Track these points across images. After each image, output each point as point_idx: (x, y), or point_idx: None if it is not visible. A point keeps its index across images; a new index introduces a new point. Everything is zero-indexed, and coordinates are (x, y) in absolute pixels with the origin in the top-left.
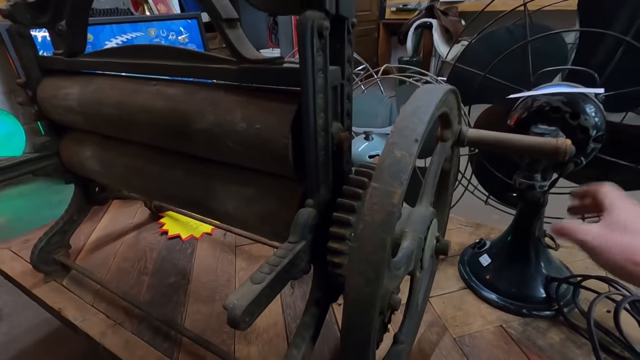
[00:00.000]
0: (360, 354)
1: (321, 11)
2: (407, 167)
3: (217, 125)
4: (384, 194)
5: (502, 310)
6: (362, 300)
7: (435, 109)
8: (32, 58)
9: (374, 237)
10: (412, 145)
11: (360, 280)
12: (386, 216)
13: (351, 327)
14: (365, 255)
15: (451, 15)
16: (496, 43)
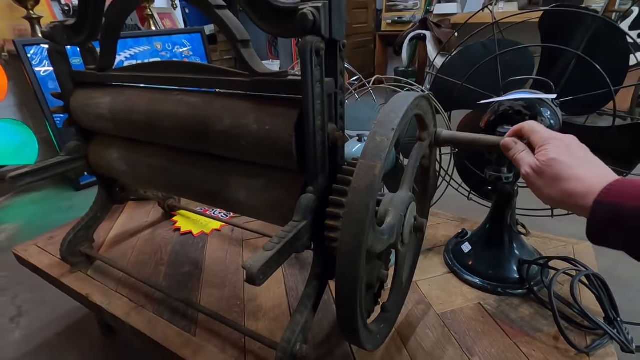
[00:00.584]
0: (351, 294)
1: (318, 36)
2: (386, 148)
3: (233, 127)
4: (368, 168)
5: (481, 290)
6: (351, 250)
7: (409, 109)
8: (67, 72)
9: (360, 200)
10: (390, 132)
11: (349, 235)
12: (370, 184)
13: (343, 272)
14: (353, 215)
15: (444, 27)
16: (472, 56)
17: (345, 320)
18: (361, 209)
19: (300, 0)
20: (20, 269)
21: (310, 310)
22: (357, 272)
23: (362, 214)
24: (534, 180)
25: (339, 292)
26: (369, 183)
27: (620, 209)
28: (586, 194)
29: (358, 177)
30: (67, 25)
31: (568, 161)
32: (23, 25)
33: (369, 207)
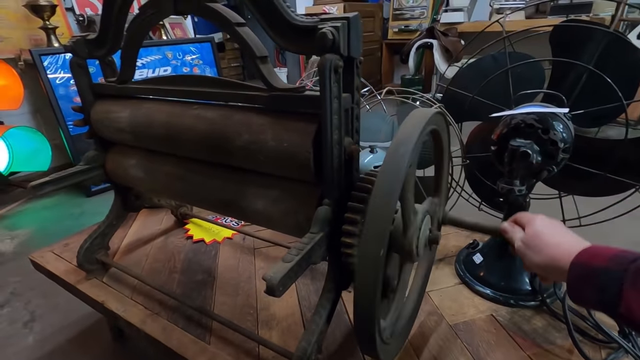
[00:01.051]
0: (369, 304)
1: (337, 54)
2: (406, 163)
3: (251, 143)
4: (389, 184)
5: (493, 302)
6: (371, 262)
7: (426, 125)
8: (87, 85)
9: (380, 214)
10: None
11: (370, 247)
12: (388, 201)
13: (362, 283)
14: (373, 229)
15: (451, 35)
16: (483, 69)
17: (362, 331)
18: (381, 223)
19: (319, 20)
20: (33, 274)
21: (325, 320)
22: (376, 284)
23: (382, 228)
24: (524, 251)
25: (357, 303)
26: (388, 201)
27: (592, 268)
28: (565, 257)
29: (378, 194)
30: (89, 39)
31: (549, 232)
32: (39, 35)
33: (389, 221)
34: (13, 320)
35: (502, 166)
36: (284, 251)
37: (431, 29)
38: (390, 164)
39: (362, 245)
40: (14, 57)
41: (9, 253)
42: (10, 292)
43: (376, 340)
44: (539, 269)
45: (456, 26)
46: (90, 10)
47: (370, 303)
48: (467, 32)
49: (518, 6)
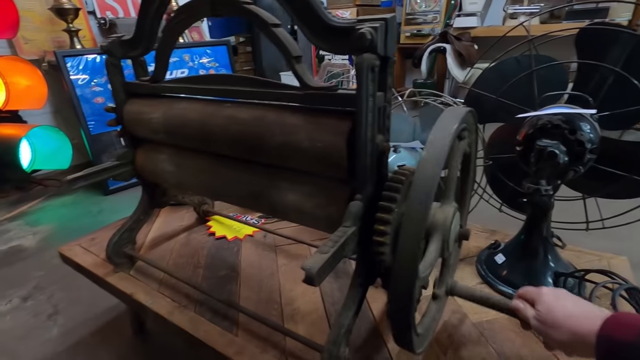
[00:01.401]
0: (407, 297)
1: (374, 54)
2: (445, 154)
3: (285, 141)
4: (429, 173)
5: None
6: (410, 253)
7: (460, 122)
8: (120, 84)
9: (419, 205)
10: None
11: (408, 238)
12: (429, 188)
13: (401, 275)
14: (412, 219)
15: (464, 40)
16: (506, 71)
17: (400, 323)
18: (420, 213)
19: (357, 21)
20: (55, 269)
21: (353, 314)
22: (414, 276)
23: (420, 218)
24: (542, 329)
25: (395, 295)
26: (429, 187)
27: (622, 343)
28: (588, 330)
29: (419, 181)
30: (124, 40)
31: (561, 305)
32: (61, 37)
33: (427, 211)
34: (37, 313)
35: (527, 166)
36: (305, 249)
37: (444, 33)
38: (428, 160)
39: (402, 241)
40: (38, 58)
41: (32, 248)
42: (33, 286)
43: (412, 331)
44: (562, 346)
45: (469, 31)
46: (111, 13)
47: (408, 296)
48: (480, 37)
49: (532, 11)
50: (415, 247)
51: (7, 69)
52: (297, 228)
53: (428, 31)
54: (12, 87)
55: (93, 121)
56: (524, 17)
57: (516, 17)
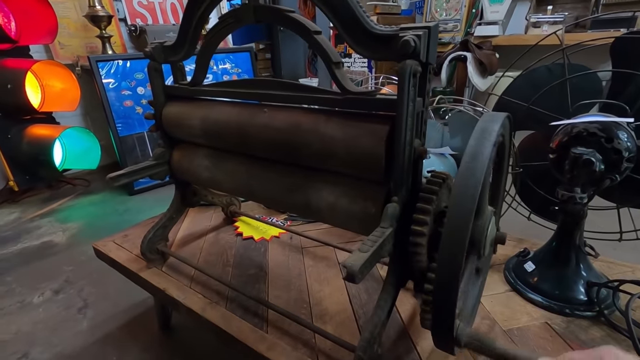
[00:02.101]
0: (450, 295)
1: (417, 60)
2: (488, 157)
3: (323, 144)
4: (472, 174)
5: (547, 310)
6: (454, 250)
7: (500, 127)
8: (161, 87)
9: (464, 204)
10: (490, 146)
11: (452, 237)
12: (474, 188)
13: (445, 274)
14: (457, 217)
15: (485, 48)
16: (537, 79)
17: (442, 323)
18: (465, 211)
19: (399, 29)
20: (84, 264)
21: (386, 314)
22: (458, 274)
23: (465, 224)
24: None
25: (439, 298)
26: (474, 187)
27: None
28: None
29: (463, 180)
30: (166, 45)
31: None
32: (94, 43)
33: (472, 210)
34: (68, 306)
35: (561, 174)
36: (331, 251)
37: (465, 41)
38: (471, 164)
39: (444, 246)
40: (72, 62)
41: (62, 244)
42: (64, 280)
43: (454, 335)
44: None
45: (490, 39)
46: (140, 20)
47: (451, 300)
48: (502, 46)
49: (556, 19)
50: (459, 254)
51: (44, 73)
52: (322, 231)
53: (448, 39)
54: (48, 90)
55: (121, 123)
56: (547, 25)
57: (539, 25)
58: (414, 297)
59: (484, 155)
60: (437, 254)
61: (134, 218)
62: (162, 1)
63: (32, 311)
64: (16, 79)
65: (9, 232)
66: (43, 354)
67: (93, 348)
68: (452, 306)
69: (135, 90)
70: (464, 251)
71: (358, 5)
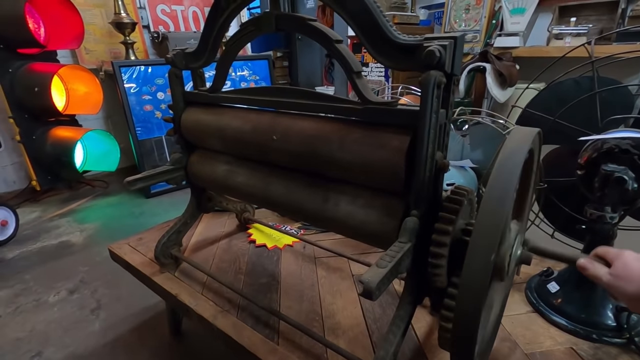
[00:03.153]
0: (473, 321)
1: (441, 71)
2: (517, 177)
3: (343, 154)
4: (506, 179)
5: (572, 334)
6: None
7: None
8: (180, 93)
9: (491, 227)
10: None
11: (479, 258)
12: (502, 213)
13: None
14: (484, 238)
15: (505, 60)
16: (564, 92)
17: (463, 353)
18: (491, 237)
19: (424, 38)
20: (99, 265)
21: (402, 332)
22: (481, 307)
23: (491, 243)
24: (614, 283)
25: (461, 319)
26: (502, 211)
27: None
28: None
29: (491, 205)
30: (187, 52)
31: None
32: (117, 49)
33: (498, 236)
34: (82, 306)
35: (590, 192)
36: (345, 262)
37: (484, 52)
38: (499, 183)
39: (468, 270)
40: (97, 67)
41: (79, 244)
42: (79, 280)
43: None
44: (632, 299)
45: (511, 50)
46: (163, 28)
47: (472, 329)
48: (522, 57)
49: (580, 31)
50: (484, 276)
51: (69, 77)
52: (336, 241)
53: (467, 50)
54: (72, 93)
55: (140, 127)
56: (570, 37)
57: (562, 37)
58: (430, 314)
59: (511, 184)
60: (459, 282)
61: (149, 221)
62: (184, 9)
63: (47, 310)
64: (43, 82)
65: (29, 231)
66: (56, 354)
67: (104, 350)
68: (473, 336)
69: (155, 95)
70: (487, 287)
71: (381, 14)
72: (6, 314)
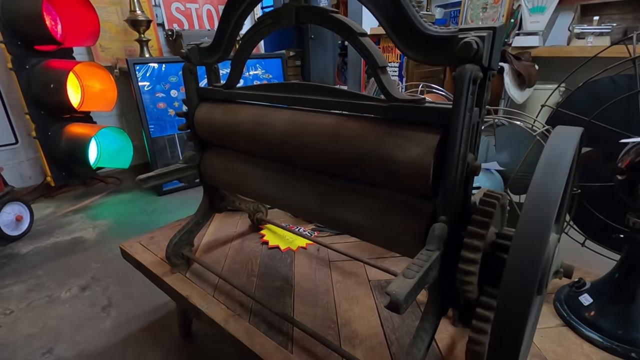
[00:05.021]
0: (516, 339)
1: (478, 65)
2: (564, 180)
3: (363, 157)
4: (550, 181)
5: (608, 352)
6: (525, 289)
7: (577, 144)
8: (194, 89)
9: (537, 230)
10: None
11: (522, 271)
12: (550, 210)
13: (512, 312)
14: (527, 245)
15: (524, 60)
16: (599, 92)
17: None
18: (537, 246)
19: (458, 30)
20: (110, 262)
21: (426, 346)
22: (525, 325)
23: (537, 253)
24: None
25: (500, 337)
26: (549, 216)
27: None
28: None
29: (536, 208)
30: (202, 47)
31: None
32: (132, 47)
33: (545, 244)
34: (93, 303)
35: (631, 199)
36: (361, 267)
37: (502, 52)
38: (543, 188)
39: (510, 282)
40: (111, 65)
41: (92, 241)
42: (91, 277)
43: None
44: None
45: (529, 50)
46: (177, 25)
47: (514, 351)
48: (542, 57)
49: (603, 30)
50: (531, 288)
51: (85, 74)
52: (351, 244)
53: None
54: (87, 90)
55: (153, 125)
56: (593, 37)
57: (583, 37)
58: (452, 324)
59: (558, 186)
60: (499, 297)
61: (161, 218)
62: (199, 7)
63: (59, 306)
64: (59, 79)
65: (44, 226)
66: (67, 351)
67: (114, 349)
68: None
69: (168, 93)
70: (531, 303)
71: (410, 3)
72: (19, 309)
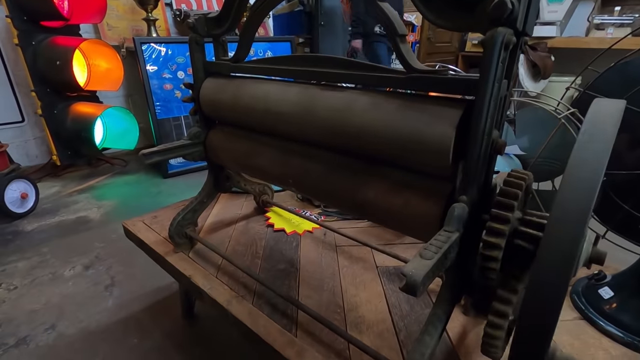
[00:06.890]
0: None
1: (512, 28)
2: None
3: (379, 133)
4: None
5: (629, 347)
6: (560, 273)
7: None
8: (201, 62)
9: (578, 207)
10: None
11: (558, 255)
12: (591, 190)
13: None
14: (566, 226)
15: (540, 50)
16: (633, 73)
17: None
18: (575, 230)
19: None
20: (114, 242)
21: (439, 333)
22: (557, 314)
23: (575, 238)
24: None
25: (528, 337)
26: (589, 200)
27: None
28: None
29: (575, 190)
30: (210, 17)
31: None
32: (139, 26)
33: (584, 230)
34: (96, 282)
35: None
36: (369, 252)
37: None
38: (585, 165)
39: (544, 268)
40: (118, 44)
41: (96, 221)
42: (95, 256)
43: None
44: None
45: (546, 41)
46: (185, 6)
47: (544, 344)
48: (558, 48)
49: (623, 21)
50: (564, 282)
51: (91, 52)
52: (359, 229)
53: None
54: (94, 69)
55: (160, 107)
56: (613, 28)
57: (603, 28)
58: (464, 313)
59: (600, 166)
60: (528, 287)
61: (165, 200)
62: None
63: (63, 284)
64: (65, 56)
65: (49, 205)
66: (69, 328)
67: (116, 327)
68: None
69: (175, 74)
70: (564, 294)
71: None
72: (22, 285)
